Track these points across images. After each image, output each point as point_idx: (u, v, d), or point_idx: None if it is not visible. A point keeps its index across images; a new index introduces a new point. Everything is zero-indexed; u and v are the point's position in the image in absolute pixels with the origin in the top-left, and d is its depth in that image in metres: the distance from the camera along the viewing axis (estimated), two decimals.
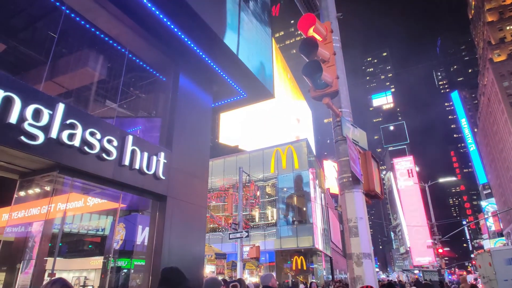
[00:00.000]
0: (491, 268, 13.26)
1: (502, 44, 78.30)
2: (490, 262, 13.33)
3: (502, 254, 13.56)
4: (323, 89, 3.58)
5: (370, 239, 3.52)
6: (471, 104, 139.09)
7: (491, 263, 13.30)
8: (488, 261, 13.51)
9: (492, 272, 13.15)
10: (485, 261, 14.00)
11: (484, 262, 14.12)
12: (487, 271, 13.67)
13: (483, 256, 14.44)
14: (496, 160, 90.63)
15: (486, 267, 13.73)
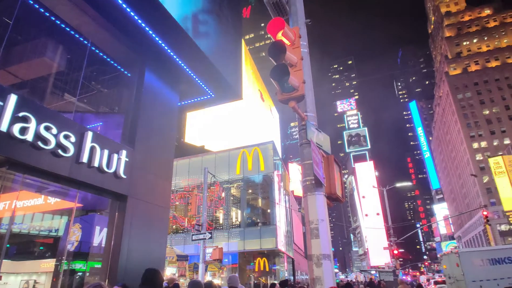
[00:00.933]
0: (459, 269, 13.75)
1: (458, 59, 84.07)
2: (457, 263, 13.81)
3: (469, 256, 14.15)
4: (289, 92, 3.64)
5: (330, 241, 3.61)
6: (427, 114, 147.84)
7: (458, 264, 13.80)
8: (455, 262, 14.00)
9: (460, 273, 13.61)
10: (452, 262, 14.45)
11: (451, 263, 14.56)
12: (454, 272, 14.13)
13: (450, 257, 14.89)
14: (449, 167, 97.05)
15: (453, 268, 14.19)
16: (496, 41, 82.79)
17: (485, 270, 13.46)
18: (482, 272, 13.43)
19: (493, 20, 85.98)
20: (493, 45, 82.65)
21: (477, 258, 13.89)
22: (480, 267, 13.53)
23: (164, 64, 9.18)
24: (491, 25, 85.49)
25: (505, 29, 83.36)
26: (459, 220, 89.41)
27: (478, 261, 13.81)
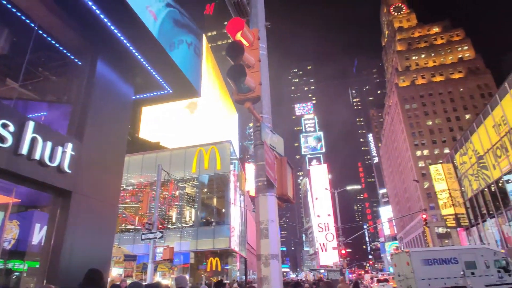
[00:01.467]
0: (409, 267, 14.59)
1: (408, 72, 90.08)
2: (408, 262, 14.66)
3: (419, 255, 15.09)
4: (245, 93, 3.66)
5: (279, 241, 3.69)
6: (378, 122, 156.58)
7: (409, 263, 14.64)
8: (406, 261, 14.83)
9: (410, 271, 14.45)
10: (402, 261, 15.27)
11: (401, 261, 15.36)
12: (403, 270, 14.94)
13: (401, 256, 15.73)
14: (394, 172, 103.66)
15: (403, 266, 15.00)
16: (442, 58, 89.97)
17: (433, 269, 14.51)
18: (430, 271, 14.46)
19: (441, 38, 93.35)
20: (439, 61, 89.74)
21: (426, 258, 14.94)
22: (429, 266, 14.54)
23: (119, 54, 8.78)
24: (439, 42, 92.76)
25: (451, 47, 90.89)
26: (402, 222, 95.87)
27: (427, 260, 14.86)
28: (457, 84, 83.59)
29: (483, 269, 15.00)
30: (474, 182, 49.21)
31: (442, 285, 14.04)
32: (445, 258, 15.04)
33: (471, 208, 51.98)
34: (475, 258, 15.46)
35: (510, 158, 38.02)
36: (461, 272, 14.77)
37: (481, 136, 44.74)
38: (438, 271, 14.60)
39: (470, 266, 14.94)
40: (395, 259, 16.47)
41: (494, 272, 15.13)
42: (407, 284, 14.53)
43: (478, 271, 14.91)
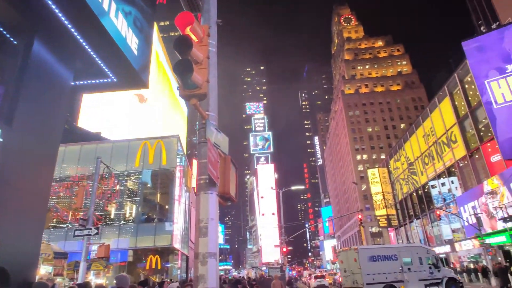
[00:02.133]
0: (356, 263, 15.59)
1: (353, 80, 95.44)
2: (355, 258, 15.67)
3: (366, 253, 16.24)
4: (192, 89, 3.60)
5: (217, 240, 3.70)
6: (324, 125, 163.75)
7: (356, 259, 15.65)
8: (353, 257, 15.85)
9: (357, 267, 15.47)
10: (350, 258, 16.31)
11: (348, 258, 16.41)
12: (350, 266, 15.93)
13: (348, 253, 16.80)
14: (336, 175, 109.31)
15: (351, 262, 16.00)
16: (384, 70, 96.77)
17: (377, 265, 15.80)
18: (375, 267, 15.71)
19: (384, 52, 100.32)
20: (381, 73, 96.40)
21: (372, 255, 16.21)
22: (374, 262, 15.79)
23: (58, 36, 8.09)
24: (381, 56, 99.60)
25: (392, 61, 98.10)
26: (340, 222, 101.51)
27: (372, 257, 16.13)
28: (395, 96, 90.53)
29: (418, 265, 16.65)
30: (405, 186, 53.72)
31: (384, 280, 15.37)
32: (387, 255, 16.46)
33: (401, 209, 56.66)
34: (411, 255, 17.06)
35: (436, 165, 42.13)
36: (400, 267, 16.25)
37: (413, 145, 48.99)
38: (381, 267, 15.97)
39: (408, 262, 16.52)
40: (342, 256, 17.55)
41: (426, 268, 16.89)
42: (353, 279, 15.64)
43: (414, 267, 16.51)
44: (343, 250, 18.83)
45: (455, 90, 36.39)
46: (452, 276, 17.63)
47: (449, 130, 37.81)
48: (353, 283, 15.70)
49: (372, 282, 15.19)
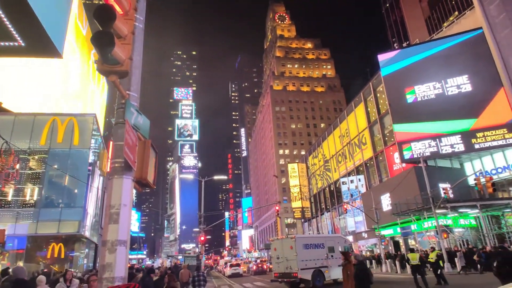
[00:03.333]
0: (293, 250, 16.93)
1: (282, 77, 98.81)
2: (292, 246, 17.05)
3: (302, 241, 17.97)
4: (112, 65, 3.32)
5: (129, 227, 3.51)
6: (251, 118, 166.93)
7: (293, 247, 16.99)
8: (290, 245, 17.30)
9: (293, 254, 16.88)
10: (285, 245, 17.71)
11: (284, 246, 17.81)
12: (285, 253, 17.32)
13: (284, 241, 18.25)
14: (259, 167, 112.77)
15: (286, 250, 17.40)
16: (310, 71, 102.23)
17: (309, 252, 17.59)
18: (308, 253, 17.46)
19: (312, 54, 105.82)
20: (308, 74, 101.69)
21: (306, 243, 17.97)
22: (307, 250, 17.58)
23: None
24: (310, 57, 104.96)
25: (318, 63, 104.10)
26: (259, 212, 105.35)
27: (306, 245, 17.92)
28: (318, 97, 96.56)
29: (338, 253, 18.95)
30: (319, 181, 57.95)
31: (314, 265, 17.32)
32: (317, 243, 18.48)
33: (315, 203, 61.04)
34: (334, 244, 19.39)
35: (347, 164, 46.29)
36: (325, 254, 18.50)
37: (330, 144, 52.98)
38: (313, 254, 17.80)
39: (331, 250, 18.83)
40: (276, 244, 18.94)
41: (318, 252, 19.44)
42: (286, 265, 17.14)
43: (335, 254, 18.59)
44: (278, 239, 20.26)
45: (369, 97, 40.32)
46: None
47: (361, 133, 41.85)
48: (286, 269, 17.14)
49: (305, 267, 16.90)
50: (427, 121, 31.29)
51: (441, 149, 30.23)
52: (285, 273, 17.13)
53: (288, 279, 16.78)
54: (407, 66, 33.74)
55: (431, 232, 26.91)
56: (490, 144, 28.69)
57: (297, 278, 16.49)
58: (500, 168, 30.62)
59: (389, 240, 34.37)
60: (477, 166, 31.80)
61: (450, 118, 30.38)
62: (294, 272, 16.61)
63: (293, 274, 16.60)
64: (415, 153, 30.70)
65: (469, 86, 30.47)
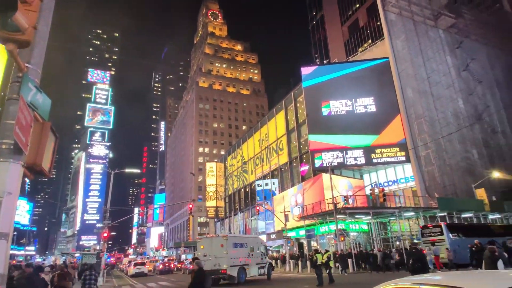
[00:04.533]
0: (223, 248, 18.03)
1: (209, 75, 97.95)
2: (223, 244, 18.15)
3: (233, 240, 19.31)
4: (11, 32, 2.86)
5: (13, 218, 3.07)
6: (173, 112, 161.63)
7: (223, 245, 18.11)
8: (220, 243, 18.29)
9: (223, 252, 17.94)
10: (215, 243, 18.55)
11: (213, 244, 18.60)
12: (214, 251, 18.17)
13: (214, 240, 19.17)
14: (176, 163, 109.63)
15: (215, 248, 18.27)
16: (238, 73, 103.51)
17: (237, 251, 18.96)
18: (236, 252, 18.75)
19: (241, 56, 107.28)
20: (235, 75, 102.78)
21: (235, 242, 19.39)
22: (235, 248, 18.87)
23: None
24: (238, 59, 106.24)
25: (246, 67, 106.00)
26: (171, 210, 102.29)
27: (235, 244, 19.25)
28: (243, 99, 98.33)
29: (256, 252, 20.87)
30: (236, 182, 58.90)
31: (239, 263, 18.70)
32: (242, 243, 19.98)
33: (229, 203, 61.78)
34: (254, 245, 21.05)
35: (264, 167, 47.99)
36: (247, 253, 19.98)
37: (249, 146, 54.30)
38: (239, 252, 19.21)
39: (251, 250, 20.39)
40: (204, 242, 19.55)
41: (259, 254, 21.41)
42: (214, 262, 17.93)
43: (255, 253, 20.52)
44: (207, 237, 21.10)
45: (290, 106, 42.55)
46: (270, 261, 23.39)
47: (279, 139, 43.88)
48: (214, 266, 17.88)
49: (233, 264, 18.14)
50: (337, 134, 34.34)
51: (346, 160, 33.46)
52: (213, 270, 17.73)
53: (215, 275, 17.50)
54: (325, 81, 36.56)
55: (331, 235, 29.50)
56: (385, 160, 32.80)
57: (225, 274, 17.60)
58: (391, 181, 35.21)
59: (295, 242, 36.62)
60: (374, 179, 36.04)
61: (356, 133, 33.84)
62: (223, 269, 17.61)
63: (221, 271, 17.64)
64: (324, 162, 33.37)
65: (374, 107, 34.40)
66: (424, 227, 24.32)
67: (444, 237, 21.90)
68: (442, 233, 22.18)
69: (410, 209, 27.64)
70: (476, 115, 36.94)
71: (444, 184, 31.30)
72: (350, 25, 72.62)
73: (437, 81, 35.33)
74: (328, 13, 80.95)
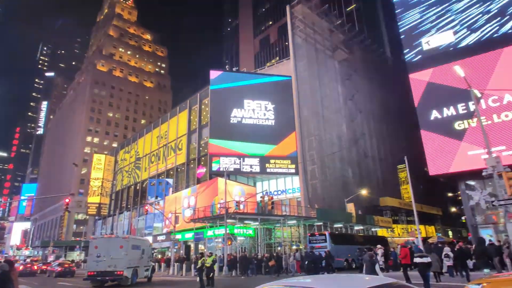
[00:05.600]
0: (122, 250, 17.85)
1: (110, 59, 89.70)
2: (122, 245, 18.05)
3: (132, 242, 19.17)
4: None
5: None
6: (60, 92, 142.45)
7: (123, 246, 18.00)
8: (120, 244, 18.12)
9: (122, 253, 17.67)
10: (112, 244, 18.23)
11: (111, 244, 18.26)
12: (110, 252, 17.75)
13: (111, 240, 18.93)
14: (57, 151, 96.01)
15: (112, 249, 17.94)
16: (143, 63, 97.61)
17: (133, 253, 18.81)
18: (132, 254, 18.51)
19: (149, 46, 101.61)
20: (140, 65, 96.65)
21: (133, 244, 19.23)
22: (132, 250, 18.70)
23: None
24: (146, 49, 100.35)
25: (153, 58, 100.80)
26: (42, 203, 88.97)
27: (134, 245, 19.10)
28: (145, 92, 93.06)
29: (146, 255, 21.21)
30: (126, 178, 55.03)
31: (133, 265, 18.72)
32: (137, 245, 20.00)
33: (115, 200, 57.26)
34: (145, 247, 21.31)
35: (159, 165, 46.12)
36: (140, 255, 19.95)
37: (146, 142, 51.56)
38: (135, 254, 19.14)
39: (143, 252, 20.51)
40: (99, 242, 18.92)
41: (148, 257, 21.54)
42: (109, 263, 17.55)
43: (144, 255, 20.75)
44: (104, 237, 21.20)
45: (194, 106, 42.09)
46: (153, 264, 23.48)
47: (179, 138, 42.87)
48: (108, 267, 17.48)
49: (129, 266, 18.09)
50: (238, 141, 35.35)
51: (243, 167, 34.66)
52: (107, 271, 17.41)
53: (110, 276, 17.49)
54: (232, 87, 37.39)
55: (220, 238, 29.97)
56: (278, 170, 35.18)
57: (122, 276, 17.38)
58: (280, 190, 37.89)
59: (182, 244, 35.99)
60: (265, 187, 38.20)
61: (255, 141, 35.45)
62: (119, 271, 17.42)
63: (117, 272, 17.41)
64: (222, 166, 33.90)
65: (273, 121, 36.66)
66: (311, 235, 27.20)
67: (326, 244, 24.87)
68: (325, 241, 25.19)
69: (294, 217, 30.16)
70: (355, 139, 42.80)
71: (324, 196, 35.17)
72: (262, 39, 76.24)
73: (328, 106, 39.77)
74: (243, 23, 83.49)
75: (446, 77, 29.01)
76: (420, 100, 31.26)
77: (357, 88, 44.99)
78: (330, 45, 44.28)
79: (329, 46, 44.12)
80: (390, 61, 58.83)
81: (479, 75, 27.56)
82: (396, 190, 43.53)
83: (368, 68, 49.47)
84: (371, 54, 51.25)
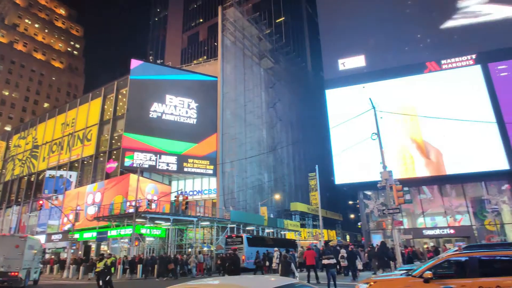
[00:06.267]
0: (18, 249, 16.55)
1: (13, 30, 77.67)
2: (18, 245, 16.70)
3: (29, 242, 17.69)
4: None
5: None
6: None
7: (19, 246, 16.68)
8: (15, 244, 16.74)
9: (17, 253, 16.46)
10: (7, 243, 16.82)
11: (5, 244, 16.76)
12: (4, 251, 16.40)
13: (6, 239, 17.49)
14: None
15: (6, 248, 16.50)
16: (53, 40, 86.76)
17: (28, 253, 17.38)
18: (28, 255, 17.21)
19: (62, 23, 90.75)
20: (48, 41, 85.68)
21: (30, 243, 17.70)
22: (28, 251, 17.33)
23: None
24: (58, 25, 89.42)
25: (66, 36, 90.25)
26: None
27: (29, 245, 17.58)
28: (53, 72, 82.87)
29: (39, 256, 19.84)
30: (19, 167, 48.08)
31: (28, 266, 17.28)
32: (33, 245, 18.34)
33: (3, 192, 49.58)
34: (38, 247, 19.80)
35: (61, 156, 41.32)
36: (33, 256, 18.30)
37: (48, 128, 45.79)
38: (30, 254, 17.72)
39: (36, 252, 18.94)
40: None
41: (39, 258, 20.42)
42: (2, 263, 16.38)
43: (37, 257, 19.27)
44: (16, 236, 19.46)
45: (110, 95, 38.84)
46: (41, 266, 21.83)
47: (89, 128, 39.03)
48: (1, 267, 16.39)
49: (25, 267, 16.90)
50: (156, 137, 33.73)
51: (159, 164, 33.16)
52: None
53: (3, 278, 16.40)
54: (155, 80, 35.63)
55: (126, 239, 28.05)
56: (196, 170, 34.57)
57: (17, 277, 16.38)
58: (196, 191, 37.27)
59: (81, 244, 32.75)
60: (181, 186, 37.14)
61: (175, 138, 34.27)
62: (14, 271, 16.44)
63: (11, 274, 16.41)
64: (135, 162, 31.89)
65: (195, 120, 35.98)
66: (229, 237, 27.36)
67: (243, 246, 25.37)
68: (242, 243, 25.61)
69: (208, 218, 29.91)
70: (273, 145, 44.54)
71: (239, 199, 35.68)
72: (190, 35, 74.55)
73: (251, 110, 40.66)
74: (172, 16, 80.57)
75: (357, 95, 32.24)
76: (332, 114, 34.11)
77: (279, 97, 47.00)
78: (258, 52, 45.48)
79: (257, 53, 45.28)
80: (311, 75, 62.99)
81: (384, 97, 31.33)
82: (306, 196, 46.55)
83: (290, 79, 52.14)
84: (295, 67, 54.15)
